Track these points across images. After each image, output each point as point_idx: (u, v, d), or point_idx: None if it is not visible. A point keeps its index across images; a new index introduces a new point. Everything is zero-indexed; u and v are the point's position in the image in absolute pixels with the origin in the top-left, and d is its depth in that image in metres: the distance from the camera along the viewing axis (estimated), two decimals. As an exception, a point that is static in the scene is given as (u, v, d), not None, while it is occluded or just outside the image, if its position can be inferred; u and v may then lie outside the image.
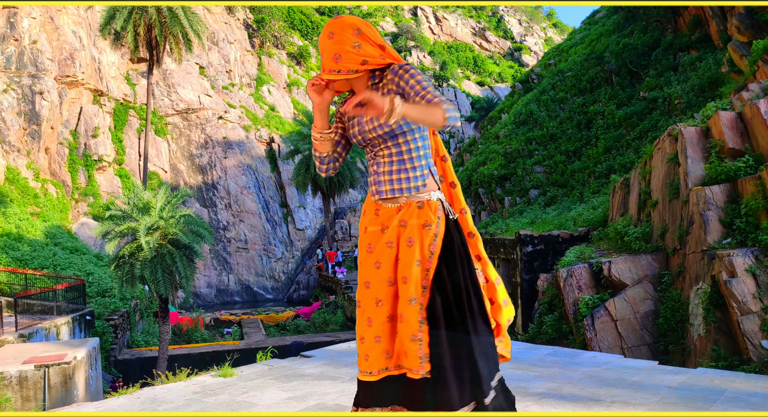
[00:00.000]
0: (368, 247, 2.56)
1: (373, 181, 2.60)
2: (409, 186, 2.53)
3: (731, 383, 4.39)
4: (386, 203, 2.56)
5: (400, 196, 2.54)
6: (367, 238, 2.58)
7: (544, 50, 64.13)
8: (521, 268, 14.54)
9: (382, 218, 2.56)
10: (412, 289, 2.44)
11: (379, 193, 2.57)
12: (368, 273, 2.53)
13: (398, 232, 2.51)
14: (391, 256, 2.50)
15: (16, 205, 24.47)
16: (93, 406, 4.58)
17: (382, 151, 2.56)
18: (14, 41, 29.31)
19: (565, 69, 26.90)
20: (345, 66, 2.45)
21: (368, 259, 2.54)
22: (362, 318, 2.54)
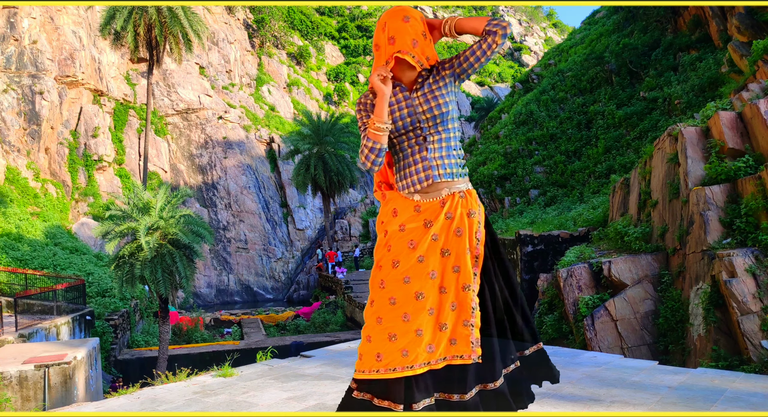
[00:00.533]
0: (410, 243, 2.54)
1: (421, 168, 2.57)
2: (459, 171, 2.60)
3: (731, 383, 4.39)
4: (428, 197, 2.57)
5: (444, 185, 2.57)
6: (406, 236, 2.55)
7: (544, 50, 64.13)
8: (521, 268, 14.54)
9: (425, 214, 2.56)
10: (465, 276, 2.53)
11: (433, 178, 2.56)
12: (409, 269, 2.51)
13: (444, 224, 2.55)
14: (436, 249, 2.53)
15: (16, 205, 24.47)
16: (93, 406, 4.58)
17: (432, 136, 2.59)
18: (14, 41, 29.32)
19: (565, 69, 26.90)
20: (420, 53, 2.53)
21: (411, 256, 2.52)
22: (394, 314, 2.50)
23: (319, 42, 53.73)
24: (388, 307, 2.51)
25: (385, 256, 2.57)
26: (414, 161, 2.59)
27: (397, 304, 2.50)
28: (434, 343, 2.50)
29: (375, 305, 2.55)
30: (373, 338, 2.52)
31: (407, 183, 2.61)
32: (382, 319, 2.51)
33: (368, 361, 2.51)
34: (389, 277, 2.53)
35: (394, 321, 2.49)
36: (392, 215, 2.61)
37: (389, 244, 2.57)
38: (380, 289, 2.54)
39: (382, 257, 2.58)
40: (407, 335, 2.47)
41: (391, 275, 2.53)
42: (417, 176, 2.57)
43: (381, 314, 2.52)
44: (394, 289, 2.52)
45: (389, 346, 2.47)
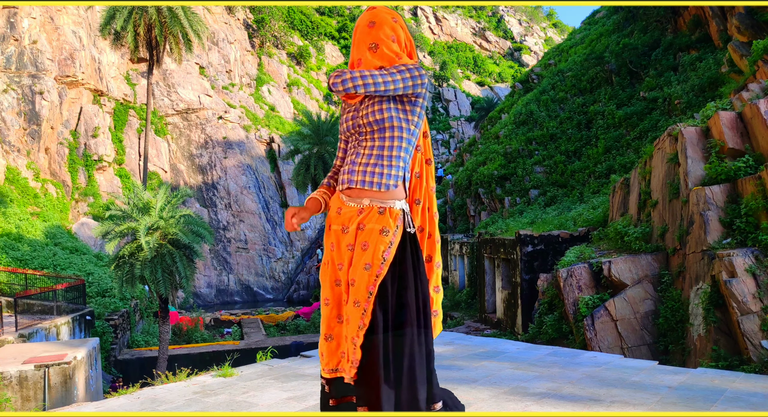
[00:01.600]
0: (331, 246, 2.59)
1: (347, 170, 2.57)
2: (380, 182, 2.49)
3: (731, 383, 4.39)
4: (349, 202, 2.54)
5: (365, 194, 2.50)
6: (331, 236, 2.60)
7: (544, 50, 64.14)
8: (521, 268, 14.54)
9: (343, 218, 2.55)
10: (358, 292, 2.44)
11: (349, 182, 2.53)
12: (332, 272, 2.60)
13: (356, 234, 2.51)
14: (349, 258, 2.53)
15: (16, 205, 24.47)
16: (93, 406, 4.58)
17: (366, 142, 2.55)
18: (14, 41, 29.31)
19: (565, 69, 26.90)
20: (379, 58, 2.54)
21: (328, 257, 2.61)
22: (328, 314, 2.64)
23: (319, 42, 53.73)
24: (324, 309, 2.65)
25: (328, 252, 2.64)
26: (347, 162, 2.61)
27: (329, 305, 2.63)
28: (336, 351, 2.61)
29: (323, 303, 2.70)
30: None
31: (339, 179, 2.64)
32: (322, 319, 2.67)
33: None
34: (324, 277, 2.64)
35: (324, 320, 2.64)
36: (329, 209, 2.69)
37: (328, 240, 2.64)
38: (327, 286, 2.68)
39: (327, 253, 2.65)
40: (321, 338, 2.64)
41: (326, 274, 2.63)
42: (342, 176, 2.59)
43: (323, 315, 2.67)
44: (323, 289, 2.66)
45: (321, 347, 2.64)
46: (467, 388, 4.29)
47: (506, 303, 15.79)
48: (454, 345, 6.09)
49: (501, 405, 3.91)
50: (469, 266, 20.92)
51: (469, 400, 3.98)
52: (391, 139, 2.51)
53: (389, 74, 2.45)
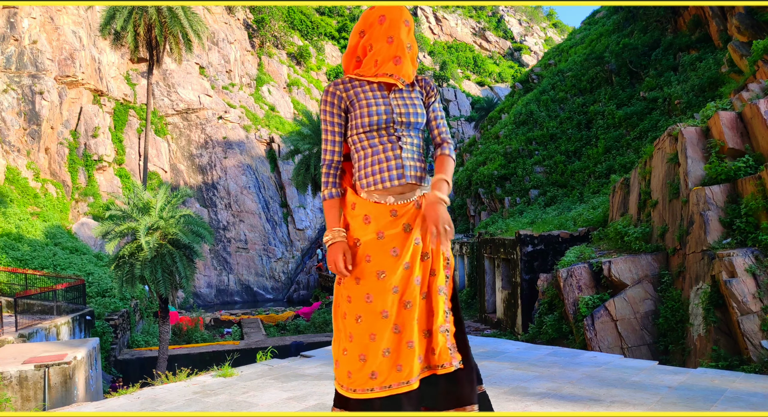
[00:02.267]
0: (393, 251, 2.40)
1: (393, 165, 2.46)
2: (425, 176, 2.56)
3: (731, 383, 4.39)
4: (402, 199, 2.45)
5: (416, 188, 2.50)
6: (387, 243, 2.41)
7: (544, 50, 64.14)
8: (521, 268, 14.54)
9: (403, 218, 2.44)
10: (440, 279, 2.47)
11: (406, 178, 2.45)
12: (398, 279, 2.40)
13: (423, 226, 2.46)
14: (418, 253, 2.45)
15: (16, 205, 24.47)
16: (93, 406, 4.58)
17: (405, 138, 2.51)
18: (14, 41, 29.31)
19: (565, 69, 26.91)
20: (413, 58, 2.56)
21: (396, 264, 2.40)
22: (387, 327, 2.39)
23: (319, 42, 53.73)
24: (382, 322, 2.39)
25: (366, 267, 2.42)
26: (386, 158, 2.46)
27: (389, 318, 2.39)
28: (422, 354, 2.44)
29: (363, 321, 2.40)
30: (368, 356, 2.38)
31: (376, 179, 2.46)
32: (375, 335, 2.39)
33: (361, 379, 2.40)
34: (376, 290, 2.40)
35: (388, 334, 2.40)
36: (364, 222, 2.45)
37: (367, 254, 2.42)
38: (367, 303, 2.40)
39: (362, 269, 2.42)
40: (401, 347, 2.39)
41: (378, 287, 2.40)
42: (389, 173, 2.45)
43: (374, 330, 2.40)
44: (381, 301, 2.39)
45: (384, 361, 2.38)
46: (467, 388, 4.28)
47: (506, 303, 15.79)
48: (454, 345, 6.08)
49: (501, 405, 3.91)
50: (469, 266, 20.92)
51: (469, 400, 3.98)
52: (421, 141, 2.60)
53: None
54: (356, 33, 2.55)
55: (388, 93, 2.51)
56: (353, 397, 2.40)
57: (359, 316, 2.42)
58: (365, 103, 2.48)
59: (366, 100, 2.49)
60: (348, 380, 2.42)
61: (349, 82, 2.55)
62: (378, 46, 2.48)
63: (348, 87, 2.54)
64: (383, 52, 2.47)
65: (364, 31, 2.52)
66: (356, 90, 2.53)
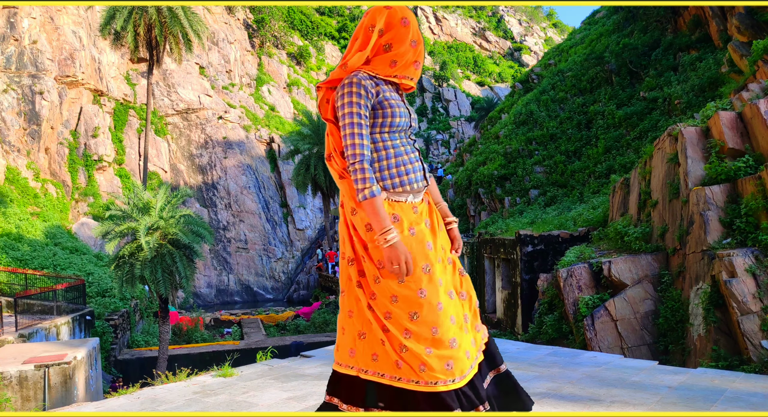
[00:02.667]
0: (428, 246, 2.48)
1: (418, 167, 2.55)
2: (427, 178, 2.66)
3: (731, 383, 4.39)
4: (418, 197, 2.56)
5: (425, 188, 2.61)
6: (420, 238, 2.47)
7: (544, 50, 64.13)
8: (521, 268, 14.54)
9: (423, 215, 2.56)
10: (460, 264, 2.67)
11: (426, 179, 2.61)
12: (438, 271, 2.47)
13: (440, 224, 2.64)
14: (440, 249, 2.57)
15: (16, 205, 24.47)
16: (93, 406, 4.58)
17: (414, 141, 2.64)
18: (14, 41, 29.31)
19: (565, 69, 26.90)
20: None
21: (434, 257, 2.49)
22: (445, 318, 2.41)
23: (319, 42, 53.73)
24: (438, 314, 2.41)
25: (426, 254, 2.49)
26: (410, 159, 2.52)
27: (444, 309, 2.43)
28: (474, 338, 2.57)
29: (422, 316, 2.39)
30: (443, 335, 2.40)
31: (403, 181, 2.48)
32: (438, 328, 2.39)
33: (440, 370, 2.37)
34: (426, 283, 2.42)
35: (448, 325, 2.42)
36: (393, 221, 2.45)
37: (421, 241, 2.51)
38: (421, 298, 2.40)
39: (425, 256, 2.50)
40: (461, 336, 2.47)
41: (427, 280, 2.42)
42: (415, 175, 2.52)
43: (437, 323, 2.39)
44: (433, 294, 2.42)
45: (455, 352, 2.39)
46: (467, 388, 4.28)
47: (506, 303, 15.79)
48: (454, 345, 6.08)
49: (501, 405, 3.90)
50: (469, 266, 20.92)
51: (469, 400, 3.98)
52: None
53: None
54: (375, 31, 2.48)
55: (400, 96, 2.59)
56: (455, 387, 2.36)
57: (415, 312, 2.38)
58: (394, 103, 2.50)
59: (394, 100, 2.51)
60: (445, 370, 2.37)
61: (369, 79, 2.49)
62: (401, 49, 2.48)
63: (374, 84, 2.49)
64: (406, 55, 2.49)
65: (383, 31, 2.47)
66: (382, 88, 2.51)
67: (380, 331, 2.42)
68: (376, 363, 2.44)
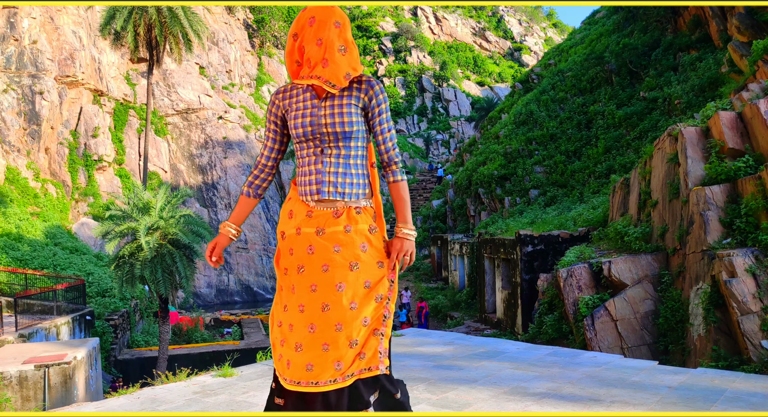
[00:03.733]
0: (309, 249, 2.38)
1: (314, 179, 2.40)
2: (356, 193, 2.44)
3: (731, 383, 4.39)
4: (321, 206, 2.42)
5: (339, 201, 2.41)
6: (304, 240, 2.40)
7: (544, 50, 64.14)
8: (521, 268, 14.54)
9: (317, 220, 2.41)
10: (381, 287, 2.40)
11: (320, 193, 2.39)
12: (314, 277, 2.37)
13: (342, 238, 2.38)
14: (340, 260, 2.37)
15: (16, 205, 24.47)
16: (93, 406, 4.57)
17: (331, 150, 2.41)
18: (14, 41, 29.32)
19: (565, 69, 26.91)
20: (345, 64, 2.39)
21: (313, 263, 2.37)
22: (303, 323, 2.36)
23: (319, 42, 53.75)
24: (298, 315, 2.37)
25: (290, 259, 2.44)
26: (309, 171, 2.43)
27: (304, 313, 2.36)
28: (342, 359, 2.31)
29: (288, 310, 2.42)
30: (285, 342, 2.40)
31: (301, 191, 2.46)
32: (293, 326, 2.38)
33: (280, 366, 2.39)
34: (297, 282, 2.41)
35: (303, 331, 2.34)
36: (288, 217, 2.48)
37: (290, 247, 2.45)
38: (291, 293, 2.43)
39: (288, 261, 2.46)
40: (314, 347, 2.33)
41: (299, 280, 2.41)
42: (309, 187, 2.42)
43: (293, 321, 2.39)
44: (302, 296, 2.39)
45: (296, 355, 2.34)
46: (467, 388, 4.28)
47: (506, 303, 15.79)
48: (454, 345, 6.09)
49: (501, 405, 3.91)
50: (469, 266, 20.92)
51: (468, 400, 3.98)
52: (357, 150, 2.45)
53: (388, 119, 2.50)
54: (290, 36, 2.46)
55: (319, 101, 2.42)
56: (284, 386, 2.38)
57: (285, 305, 2.45)
58: (293, 114, 2.44)
59: (296, 110, 2.43)
60: (278, 365, 2.43)
61: (289, 90, 2.50)
62: (308, 49, 2.40)
63: (286, 96, 2.49)
64: (313, 54, 2.38)
65: (297, 34, 2.44)
66: (292, 100, 2.47)
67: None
68: None
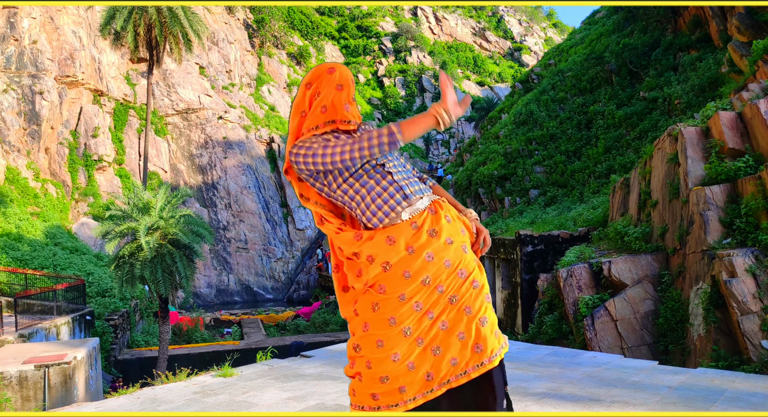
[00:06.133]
0: (428, 256, 2.33)
1: (393, 189, 2.39)
2: (424, 187, 2.51)
3: (731, 383, 4.39)
4: (415, 211, 2.39)
5: (423, 196, 2.43)
6: (419, 252, 2.33)
7: (544, 50, 64.13)
8: (521, 268, 14.54)
9: (426, 225, 2.37)
10: (478, 273, 2.44)
11: (409, 197, 2.39)
12: (441, 276, 2.35)
13: (449, 227, 2.40)
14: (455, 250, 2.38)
15: (16, 205, 24.47)
16: (93, 406, 4.58)
17: (389, 163, 2.46)
18: (14, 41, 29.31)
19: (565, 69, 26.91)
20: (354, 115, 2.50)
21: (437, 265, 2.34)
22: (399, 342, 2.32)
23: (319, 42, 53.75)
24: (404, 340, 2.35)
25: (406, 282, 2.33)
26: (384, 188, 2.40)
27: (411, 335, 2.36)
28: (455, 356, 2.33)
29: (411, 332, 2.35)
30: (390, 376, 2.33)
31: (386, 211, 2.38)
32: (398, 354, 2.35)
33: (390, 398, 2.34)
34: (424, 297, 2.36)
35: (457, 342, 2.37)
36: (387, 243, 2.35)
37: (404, 270, 2.33)
38: (416, 311, 2.35)
39: (403, 285, 2.33)
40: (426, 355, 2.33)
41: (426, 293, 2.35)
42: (394, 199, 2.38)
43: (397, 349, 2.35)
44: (431, 301, 2.35)
45: (411, 374, 2.32)
46: (467, 388, 4.28)
47: (506, 303, 15.79)
48: (454, 345, 6.08)
49: (501, 405, 3.90)
50: (469, 266, 20.90)
51: (469, 400, 3.97)
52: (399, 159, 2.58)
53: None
54: (302, 86, 2.52)
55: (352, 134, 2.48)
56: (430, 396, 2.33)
57: (408, 327, 2.36)
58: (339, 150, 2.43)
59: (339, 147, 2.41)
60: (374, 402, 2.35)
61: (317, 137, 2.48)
62: (326, 92, 2.45)
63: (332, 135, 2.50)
64: (331, 96, 2.44)
65: (311, 83, 2.50)
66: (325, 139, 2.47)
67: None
68: None
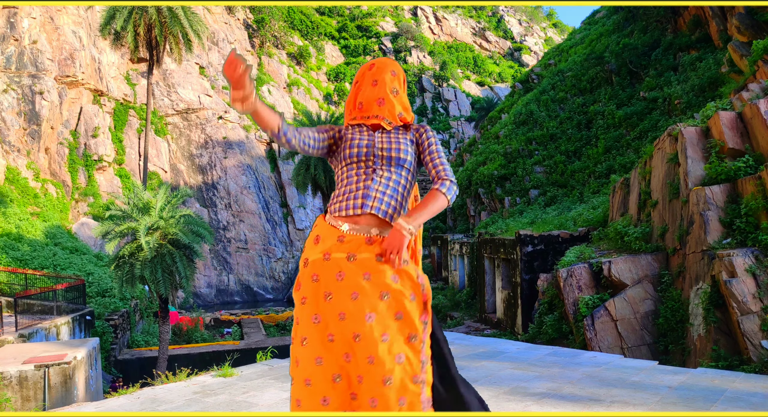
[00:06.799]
0: (338, 275, 2.28)
1: (360, 194, 2.39)
2: (393, 214, 2.40)
3: (731, 383, 4.39)
4: (354, 231, 2.35)
5: (375, 223, 2.36)
6: (333, 265, 2.31)
7: (544, 50, 64.15)
8: (521, 268, 14.54)
9: (349, 246, 2.33)
10: (410, 325, 2.27)
11: (363, 207, 2.36)
12: (344, 305, 2.26)
13: (373, 266, 2.29)
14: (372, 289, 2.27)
15: (16, 205, 24.47)
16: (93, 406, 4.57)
17: (382, 171, 2.46)
18: (14, 41, 29.31)
19: (565, 69, 26.91)
20: (399, 103, 2.57)
21: (343, 289, 2.27)
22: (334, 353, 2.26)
23: (319, 42, 53.75)
24: (328, 346, 2.27)
25: (312, 286, 2.32)
26: (356, 188, 2.43)
27: (335, 342, 2.27)
28: (378, 398, 2.19)
29: (309, 343, 2.29)
30: (312, 381, 2.28)
31: (339, 207, 2.41)
32: (322, 359, 2.28)
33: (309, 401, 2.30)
34: (325, 311, 2.29)
35: (339, 360, 2.27)
36: (314, 242, 2.40)
37: (314, 272, 2.33)
38: (312, 324, 2.30)
39: (310, 288, 2.32)
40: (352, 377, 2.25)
41: (327, 309, 2.28)
42: (352, 202, 2.39)
43: (320, 353, 2.28)
44: (331, 324, 2.27)
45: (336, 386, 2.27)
46: (467, 388, 4.28)
47: (506, 303, 15.79)
48: (454, 345, 6.09)
49: (501, 405, 3.91)
50: (469, 266, 20.92)
51: (469, 400, 3.97)
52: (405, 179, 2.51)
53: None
54: (353, 85, 2.66)
55: (374, 132, 2.55)
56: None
57: (304, 338, 2.31)
58: (350, 137, 2.54)
59: (351, 138, 2.54)
60: (297, 409, 2.31)
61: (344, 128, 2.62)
62: (363, 89, 2.58)
63: (342, 129, 2.61)
64: (367, 93, 2.56)
65: (357, 81, 2.63)
66: (347, 131, 2.58)
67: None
68: None
